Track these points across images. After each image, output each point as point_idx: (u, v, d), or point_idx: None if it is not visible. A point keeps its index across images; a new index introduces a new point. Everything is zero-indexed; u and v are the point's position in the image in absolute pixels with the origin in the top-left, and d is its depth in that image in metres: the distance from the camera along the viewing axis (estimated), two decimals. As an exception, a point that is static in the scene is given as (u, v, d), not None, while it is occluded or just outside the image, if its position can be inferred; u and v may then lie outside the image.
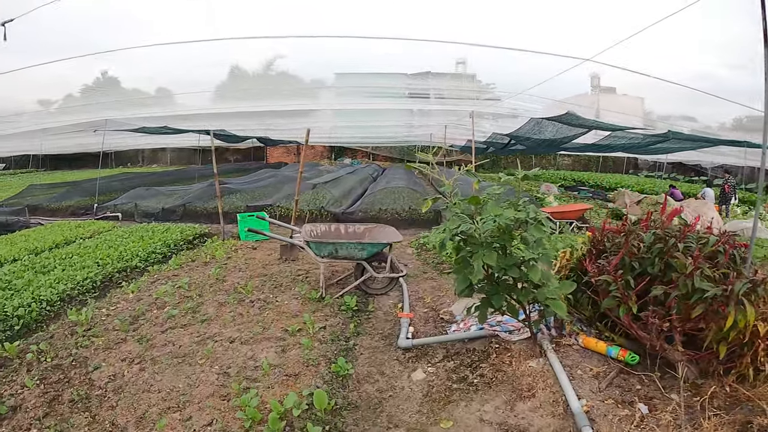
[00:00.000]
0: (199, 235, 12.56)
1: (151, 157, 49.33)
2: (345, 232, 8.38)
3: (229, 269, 9.21)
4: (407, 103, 16.04)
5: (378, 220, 14.84)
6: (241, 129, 24.11)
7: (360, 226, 8.48)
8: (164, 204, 16.60)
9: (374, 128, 26.67)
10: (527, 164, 49.34)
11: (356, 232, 8.36)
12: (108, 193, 19.89)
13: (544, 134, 16.77)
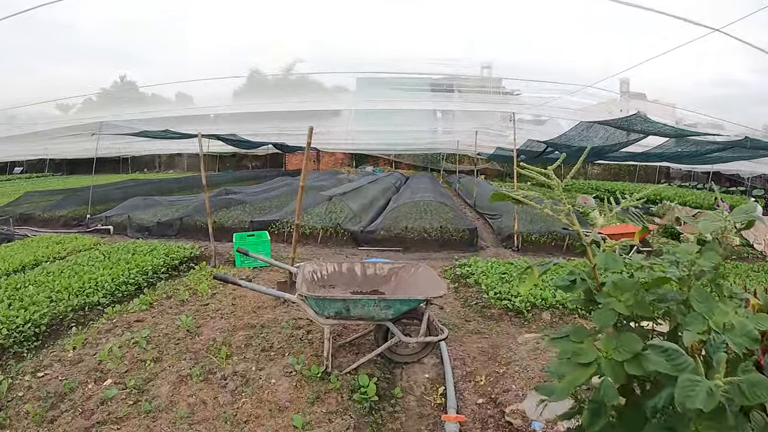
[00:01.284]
0: (188, 258, 10.43)
1: (168, 163, 47.59)
2: (362, 275, 6.10)
3: (209, 314, 7.04)
4: (431, 101, 14.21)
5: (403, 240, 12.70)
6: (253, 134, 22.53)
7: (383, 266, 6.18)
8: (160, 217, 14.48)
9: (396, 134, 24.89)
10: (556, 174, 46.77)
11: (378, 276, 6.08)
12: (107, 202, 17.86)
13: (593, 141, 14.57)
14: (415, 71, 11.88)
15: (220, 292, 8.09)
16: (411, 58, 10.64)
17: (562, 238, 13.37)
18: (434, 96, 13.56)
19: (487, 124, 20.83)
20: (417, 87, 13.91)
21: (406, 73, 12.30)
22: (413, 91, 14.27)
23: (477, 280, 8.68)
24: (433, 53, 10.07)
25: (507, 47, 9.52)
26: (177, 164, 47.25)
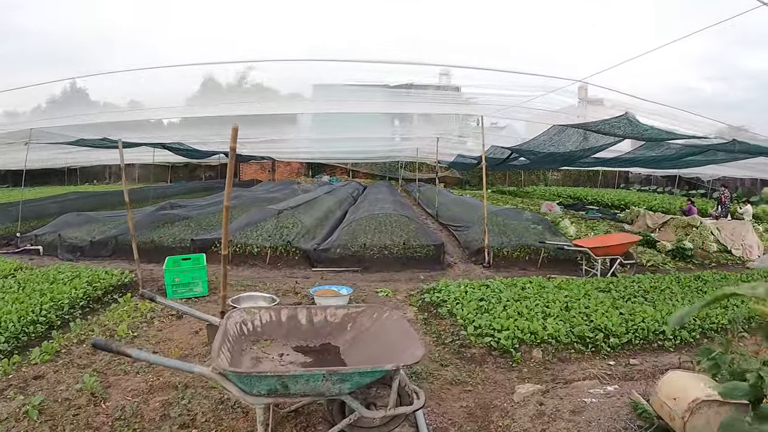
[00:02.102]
0: (115, 287, 8.94)
1: (118, 174, 45.11)
2: (307, 324, 4.73)
3: (123, 368, 5.61)
4: (389, 103, 13.16)
5: (362, 258, 11.42)
6: (202, 142, 21.20)
7: (336, 312, 4.81)
8: (95, 235, 12.87)
9: (354, 141, 23.62)
10: (515, 179, 46.64)
11: (329, 324, 4.72)
12: (43, 218, 16.19)
13: (565, 146, 13.54)
14: (372, 79, 11.05)
15: (142, 334, 6.70)
16: (367, 69, 9.73)
17: (536, 251, 12.29)
18: (392, 97, 12.42)
19: (448, 129, 19.76)
20: (374, 93, 12.94)
21: (363, 82, 11.42)
22: (370, 101, 13.22)
23: (451, 309, 7.45)
24: (390, 59, 9.09)
25: (465, 54, 8.62)
26: (129, 175, 44.91)
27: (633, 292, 9.01)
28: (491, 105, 11.74)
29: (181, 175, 42.73)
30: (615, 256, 10.82)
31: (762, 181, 34.31)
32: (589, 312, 7.43)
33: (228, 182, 5.54)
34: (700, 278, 10.66)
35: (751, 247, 15.49)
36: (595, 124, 10.46)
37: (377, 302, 8.44)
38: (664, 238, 15.70)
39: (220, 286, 6.13)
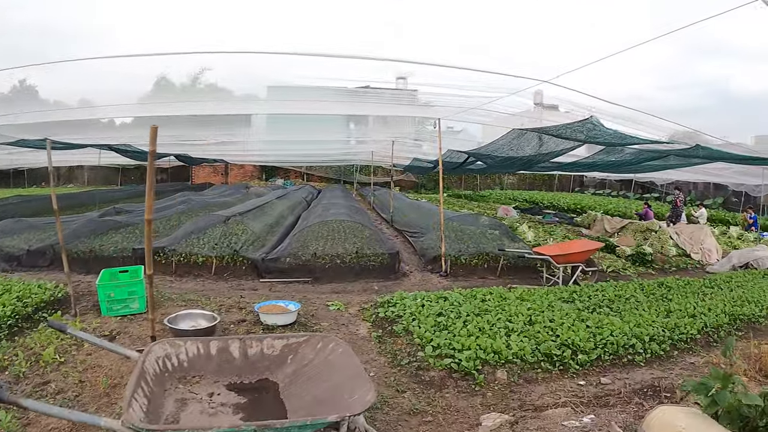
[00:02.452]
0: (47, 302, 8.11)
1: (67, 176, 43.39)
2: (241, 358, 4.13)
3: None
4: (346, 104, 12.71)
5: (313, 268, 10.82)
6: (146, 143, 19.90)
7: (275, 342, 4.22)
8: (33, 243, 11.92)
9: (309, 144, 23.07)
10: (471, 183, 46.53)
11: (266, 357, 4.13)
12: (-19, 224, 14.95)
13: (524, 150, 13.15)
14: (329, 79, 10.36)
15: (70, 359, 5.95)
16: (324, 76, 9.61)
17: (495, 258, 11.84)
18: (349, 98, 11.97)
19: (404, 133, 19.28)
20: (330, 95, 12.49)
21: (319, 84, 10.93)
22: (326, 102, 12.74)
23: (407, 327, 6.88)
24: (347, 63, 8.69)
25: (422, 57, 8.25)
26: (77, 177, 43.29)
27: (597, 302, 8.61)
28: (449, 107, 11.26)
29: (132, 177, 41.27)
30: (577, 264, 10.44)
31: (715, 185, 34.73)
32: (554, 326, 6.96)
33: (148, 190, 4.81)
34: (664, 285, 10.35)
35: (709, 251, 15.35)
36: (557, 128, 10.06)
37: (328, 317, 7.84)
38: (623, 243, 15.45)
39: (160, 302, 5.47)
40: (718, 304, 8.94)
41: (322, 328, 7.25)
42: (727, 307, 8.76)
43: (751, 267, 13.87)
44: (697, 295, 9.64)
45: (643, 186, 40.43)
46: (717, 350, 7.31)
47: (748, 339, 7.97)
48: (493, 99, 9.84)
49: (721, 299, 9.35)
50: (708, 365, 6.63)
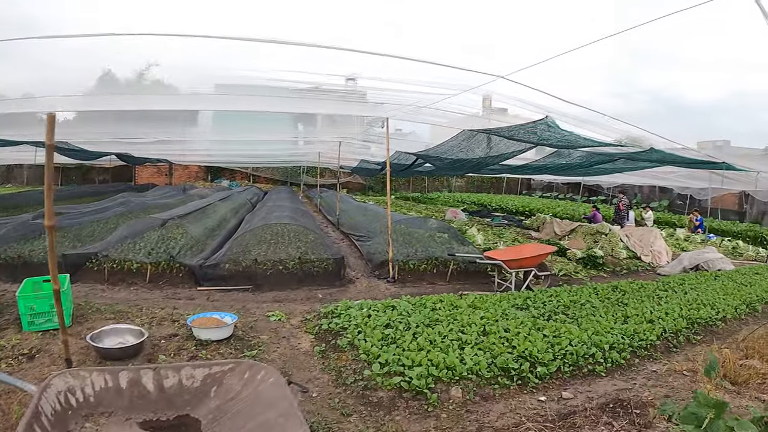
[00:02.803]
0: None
1: (5, 175, 41.39)
2: (157, 390, 3.42)
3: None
4: (293, 104, 12.23)
5: (254, 275, 10.15)
6: (90, 142, 19.79)
7: (195, 373, 3.55)
8: None
9: (256, 144, 22.41)
10: (419, 185, 46.28)
11: (186, 390, 3.45)
12: None
13: (474, 152, 12.76)
14: (278, 79, 10.06)
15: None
16: (273, 68, 8.98)
17: (444, 263, 11.37)
18: (297, 94, 11.50)
19: (352, 134, 18.82)
20: (279, 93, 12.03)
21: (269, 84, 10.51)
22: (275, 97, 12.25)
23: (352, 340, 6.31)
24: (296, 62, 8.65)
25: (370, 61, 7.98)
26: (16, 177, 41.21)
27: (553, 308, 8.22)
28: (398, 104, 10.75)
29: (74, 177, 39.49)
30: (529, 268, 10.05)
31: (660, 188, 35.23)
32: (509, 336, 6.51)
33: (47, 190, 4.16)
34: (618, 288, 10.06)
35: (659, 254, 15.23)
36: (510, 128, 9.66)
37: (269, 329, 7.22)
38: (574, 246, 15.20)
39: (87, 314, 4.79)
40: (674, 308, 8.69)
41: (261, 343, 6.65)
42: (684, 311, 8.54)
43: (702, 269, 13.76)
44: (653, 299, 9.38)
45: (590, 189, 40.77)
46: (677, 356, 7.07)
47: (708, 343, 7.74)
48: (445, 96, 9.34)
49: (677, 303, 9.12)
50: (671, 373, 6.31)
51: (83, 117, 15.86)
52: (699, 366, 6.46)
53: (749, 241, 22.21)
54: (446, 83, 8.39)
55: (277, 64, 8.50)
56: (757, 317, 9.56)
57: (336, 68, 8.62)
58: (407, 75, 8.18)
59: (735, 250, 18.96)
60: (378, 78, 8.79)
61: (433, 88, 8.63)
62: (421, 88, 8.81)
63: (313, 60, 8.47)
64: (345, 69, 9.01)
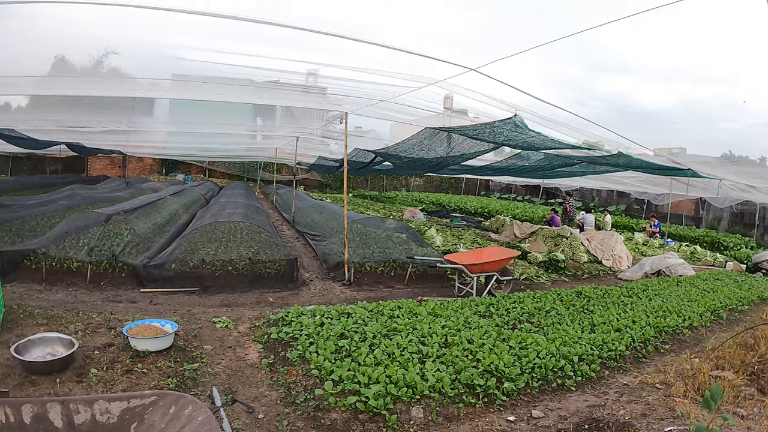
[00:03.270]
0: None
1: None
2: (66, 428, 2.76)
3: None
4: (253, 95, 12.33)
5: (201, 276, 9.52)
6: (38, 129, 18.28)
7: (112, 407, 2.84)
8: None
9: (213, 137, 21.65)
10: (377, 184, 45.81)
11: (100, 427, 2.83)
12: None
13: (435, 151, 12.29)
14: (237, 74, 9.76)
15: None
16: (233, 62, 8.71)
17: (403, 266, 10.90)
18: (257, 86, 10.95)
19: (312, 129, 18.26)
20: (238, 84, 11.57)
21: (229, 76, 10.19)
22: (233, 86, 11.75)
23: (304, 353, 5.73)
24: (256, 55, 8.05)
25: (331, 57, 7.90)
26: None
27: (517, 316, 7.81)
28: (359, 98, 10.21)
29: (24, 167, 37.75)
30: (491, 273, 9.62)
31: (618, 193, 35.44)
32: (473, 348, 6.05)
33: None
34: (582, 294, 9.76)
35: (620, 258, 15.02)
36: (474, 127, 9.19)
37: (214, 338, 6.64)
38: (534, 249, 14.88)
39: (18, 319, 4.17)
40: (640, 315, 8.41)
41: (205, 353, 6.06)
42: (651, 319, 8.29)
43: (664, 274, 13.59)
44: (618, 306, 9.09)
45: (548, 191, 40.80)
46: (647, 367, 6.78)
47: (676, 352, 7.49)
48: (408, 90, 8.80)
49: (643, 310, 8.88)
50: (644, 386, 5.95)
51: (35, 103, 15.22)
52: (671, 378, 6.13)
53: (706, 246, 22.38)
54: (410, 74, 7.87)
55: (237, 52, 8.02)
56: (722, 324, 9.41)
57: (296, 54, 8.06)
58: (369, 64, 7.67)
59: (693, 255, 18.99)
60: (339, 65, 8.25)
61: (395, 79, 8.08)
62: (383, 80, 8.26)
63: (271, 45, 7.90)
64: (304, 56, 8.45)
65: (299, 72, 9.24)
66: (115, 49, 9.61)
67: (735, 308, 10.48)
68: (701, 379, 5.99)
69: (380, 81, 8.34)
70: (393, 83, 8.31)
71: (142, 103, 15.72)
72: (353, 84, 9.11)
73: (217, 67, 9.01)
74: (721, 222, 29.40)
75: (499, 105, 8.39)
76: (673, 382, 6.01)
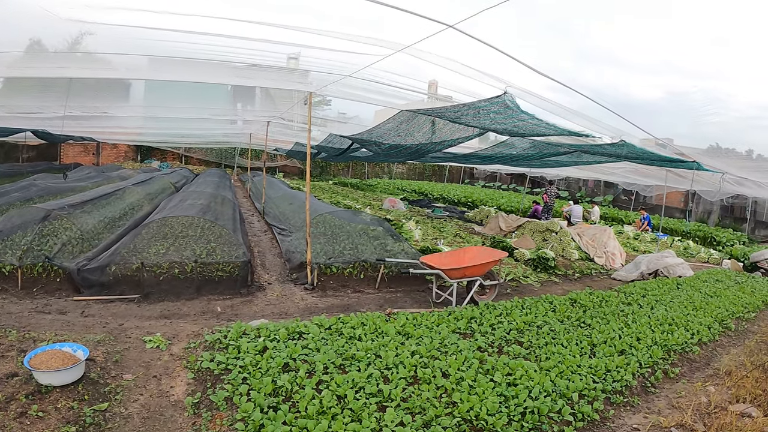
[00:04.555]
0: None
1: None
2: None
3: None
4: (228, 77, 11.37)
5: (142, 282, 8.24)
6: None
7: None
8: None
9: (189, 122, 20.52)
10: (359, 171, 44.70)
11: None
12: None
13: (414, 137, 11.09)
14: (217, 54, 8.91)
15: None
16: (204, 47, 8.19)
17: (374, 267, 9.70)
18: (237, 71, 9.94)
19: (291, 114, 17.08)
20: (216, 66, 10.55)
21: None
22: (210, 64, 10.72)
23: (233, 394, 4.49)
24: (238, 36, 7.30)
25: (314, 40, 6.95)
26: None
27: (503, 334, 6.61)
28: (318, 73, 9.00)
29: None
30: (474, 278, 8.43)
31: (605, 183, 34.62)
32: (449, 385, 4.83)
33: None
34: (577, 303, 8.65)
35: (613, 255, 13.96)
36: (456, 109, 7.96)
37: (139, 363, 5.35)
38: (522, 245, 13.72)
39: None
40: (645, 330, 7.33)
41: (121, 387, 4.81)
42: (657, 335, 7.23)
43: (661, 274, 12.50)
44: (618, 318, 7.99)
45: (534, 180, 39.83)
46: (658, 400, 5.68)
47: (687, 377, 6.45)
48: (376, 58, 7.46)
49: (647, 323, 7.81)
50: (655, 429, 4.82)
51: (4, 89, 14.17)
52: (689, 418, 5.02)
53: (698, 241, 21.50)
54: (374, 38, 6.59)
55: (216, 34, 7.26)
56: (731, 336, 8.43)
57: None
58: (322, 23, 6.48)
59: (686, 250, 18.10)
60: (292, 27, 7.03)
61: (355, 44, 6.72)
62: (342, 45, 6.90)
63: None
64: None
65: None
66: (90, 30, 8.87)
67: (742, 316, 9.52)
68: (723, 420, 4.92)
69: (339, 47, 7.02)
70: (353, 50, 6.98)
71: (118, 87, 15.00)
72: (317, 51, 7.91)
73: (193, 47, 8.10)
74: (711, 215, 28.62)
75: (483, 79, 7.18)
76: (692, 425, 4.91)
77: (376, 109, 14.76)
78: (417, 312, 7.46)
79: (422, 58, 6.71)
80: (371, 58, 7.13)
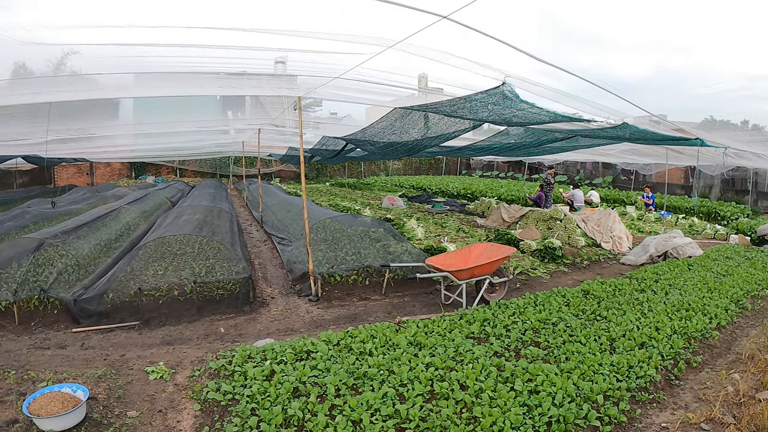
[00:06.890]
0: None
1: None
2: None
3: None
4: (218, 88, 11.13)
5: (142, 307, 7.95)
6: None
7: None
8: None
9: (181, 135, 20.40)
10: (355, 170, 44.56)
11: None
12: None
13: (409, 133, 10.87)
14: (203, 66, 8.80)
15: None
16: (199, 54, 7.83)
17: (379, 272, 9.46)
18: (225, 79, 9.70)
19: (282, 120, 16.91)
20: (203, 77, 10.31)
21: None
22: (197, 75, 10.49)
23: (242, 428, 4.22)
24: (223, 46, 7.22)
25: (300, 43, 6.89)
26: None
27: (519, 335, 6.36)
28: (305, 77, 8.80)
29: None
30: (483, 277, 8.18)
31: (603, 164, 34.45)
32: (468, 399, 4.58)
33: None
34: (590, 294, 8.41)
35: (620, 239, 13.71)
36: (451, 103, 7.72)
37: (143, 397, 5.04)
38: (527, 236, 13.49)
39: None
40: (662, 319, 7.08)
41: (126, 426, 4.55)
42: (675, 323, 6.99)
43: (671, 255, 12.26)
44: (634, 307, 7.76)
45: (532, 167, 39.61)
46: (684, 393, 5.42)
47: (710, 365, 6.20)
48: (367, 56, 7.20)
49: (663, 310, 7.57)
50: (687, 429, 4.59)
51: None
52: (717, 412, 4.79)
53: (702, 217, 21.26)
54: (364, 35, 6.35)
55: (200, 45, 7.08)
56: (748, 317, 8.16)
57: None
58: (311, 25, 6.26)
59: (692, 227, 17.87)
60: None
61: (345, 44, 6.47)
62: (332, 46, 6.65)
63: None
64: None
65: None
66: (76, 50, 8.67)
67: (757, 294, 9.26)
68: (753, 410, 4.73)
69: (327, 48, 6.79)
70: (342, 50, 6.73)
71: (107, 106, 14.63)
72: (303, 59, 7.69)
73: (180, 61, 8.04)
74: (712, 189, 28.41)
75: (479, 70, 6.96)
76: (721, 418, 4.69)
77: (367, 106, 14.54)
78: (427, 318, 7.23)
79: (412, 52, 6.49)
80: (361, 57, 6.90)
